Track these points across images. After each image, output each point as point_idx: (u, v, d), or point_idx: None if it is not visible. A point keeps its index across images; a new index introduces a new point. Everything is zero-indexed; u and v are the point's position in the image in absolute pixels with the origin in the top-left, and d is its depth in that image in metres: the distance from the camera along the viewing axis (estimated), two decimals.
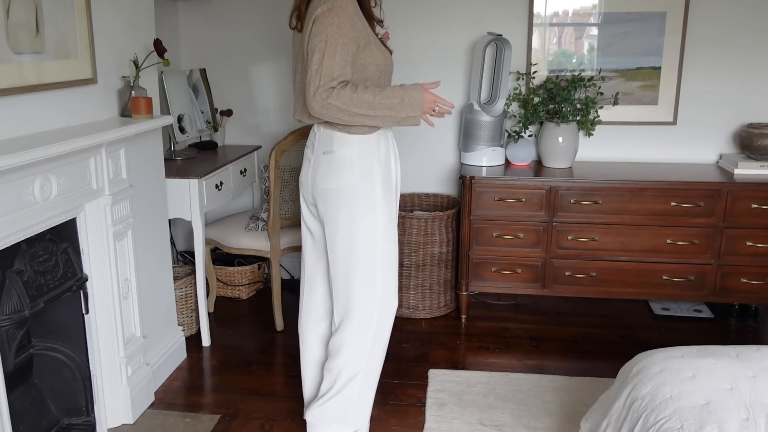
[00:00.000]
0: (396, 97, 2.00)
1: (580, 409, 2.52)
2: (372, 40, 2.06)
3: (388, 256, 2.18)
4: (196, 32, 3.70)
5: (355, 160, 2.09)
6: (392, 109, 2.00)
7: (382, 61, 2.08)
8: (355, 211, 2.11)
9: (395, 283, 2.23)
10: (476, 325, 3.35)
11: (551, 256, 3.23)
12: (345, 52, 1.94)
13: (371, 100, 1.97)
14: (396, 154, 2.22)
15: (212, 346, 3.14)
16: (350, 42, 1.96)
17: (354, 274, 2.16)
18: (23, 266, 2.01)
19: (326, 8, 1.94)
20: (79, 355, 2.34)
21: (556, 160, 3.34)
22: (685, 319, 3.42)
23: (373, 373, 2.28)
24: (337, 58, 1.93)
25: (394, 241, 2.21)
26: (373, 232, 2.13)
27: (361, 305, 2.18)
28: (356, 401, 2.26)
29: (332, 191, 2.12)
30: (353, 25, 1.96)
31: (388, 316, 2.23)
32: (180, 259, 3.81)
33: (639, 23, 3.37)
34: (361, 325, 2.20)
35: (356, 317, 2.19)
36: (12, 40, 1.87)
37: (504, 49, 3.37)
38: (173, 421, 2.53)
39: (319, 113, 1.98)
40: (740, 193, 3.07)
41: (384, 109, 1.99)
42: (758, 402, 1.65)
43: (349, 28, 1.95)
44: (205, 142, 3.54)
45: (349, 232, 2.13)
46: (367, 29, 2.05)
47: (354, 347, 2.21)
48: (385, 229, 2.15)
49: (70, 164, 2.10)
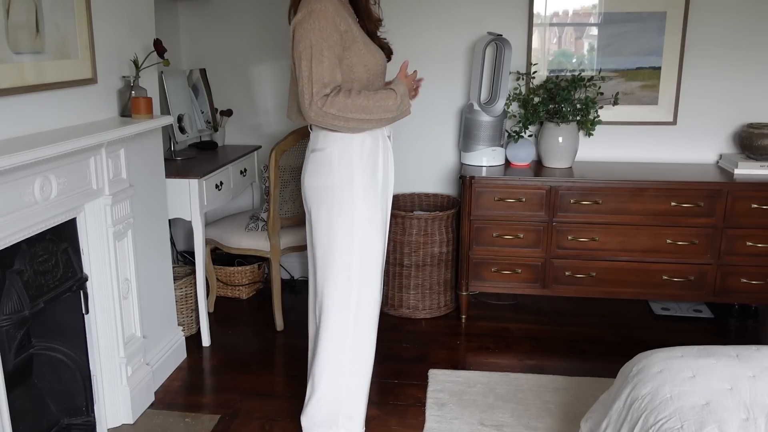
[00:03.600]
0: (390, 98, 2.03)
1: (580, 409, 2.52)
2: (359, 39, 2.04)
3: (368, 258, 2.14)
4: (196, 32, 3.70)
5: (335, 159, 2.08)
6: (388, 110, 2.03)
7: (371, 62, 2.06)
8: (334, 211, 2.10)
9: (376, 285, 2.19)
10: (476, 325, 3.35)
11: (551, 256, 3.23)
12: (332, 55, 1.94)
13: (366, 104, 1.99)
14: (387, 154, 2.18)
15: (212, 346, 3.14)
16: (335, 44, 1.96)
17: (330, 274, 2.14)
18: (23, 266, 2.01)
19: (305, 13, 1.95)
20: (79, 355, 2.34)
21: (556, 160, 3.34)
22: (685, 319, 3.42)
23: (361, 375, 2.24)
24: (324, 63, 1.93)
25: (378, 242, 2.16)
26: (350, 233, 2.10)
27: (335, 306, 2.16)
28: (346, 404, 2.23)
29: (315, 189, 2.13)
30: (336, 27, 1.95)
31: (368, 318, 2.19)
32: (180, 259, 3.81)
33: (639, 23, 3.37)
34: (337, 327, 2.17)
35: (331, 319, 2.17)
36: (12, 40, 1.87)
37: (504, 49, 3.37)
38: (173, 421, 2.53)
39: (316, 121, 1.99)
40: (740, 193, 3.07)
41: (380, 111, 2.02)
42: (758, 402, 1.65)
43: (331, 31, 1.94)
44: (205, 142, 3.54)
45: (327, 231, 2.12)
46: (352, 29, 2.02)
47: (332, 350, 2.18)
48: (364, 230, 2.11)
49: (70, 164, 2.10)
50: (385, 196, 2.21)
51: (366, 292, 2.16)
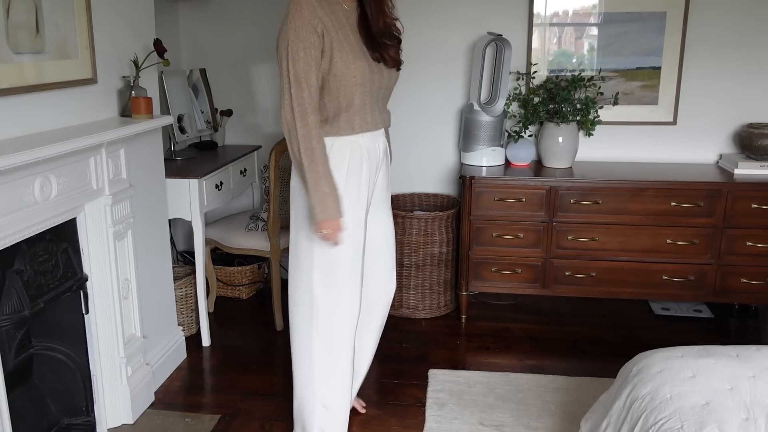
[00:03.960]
0: (320, 191, 1.95)
1: (580, 409, 2.52)
2: (336, 43, 1.94)
3: (332, 261, 2.06)
4: (196, 32, 3.70)
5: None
6: (315, 188, 1.95)
7: (339, 70, 1.96)
8: (300, 211, 2.09)
9: (347, 288, 2.11)
10: (476, 325, 3.35)
11: (551, 256, 3.23)
12: (307, 56, 1.90)
13: (311, 160, 1.93)
14: (370, 163, 2.11)
15: (212, 346, 3.14)
16: (311, 46, 1.91)
17: (295, 275, 2.14)
18: (23, 266, 2.01)
19: (284, 15, 1.93)
20: (79, 355, 2.34)
21: (556, 160, 3.34)
22: (685, 319, 3.42)
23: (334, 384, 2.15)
24: (300, 62, 1.90)
25: (347, 246, 2.06)
26: (310, 237, 2.06)
27: (298, 307, 2.13)
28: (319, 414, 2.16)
29: (292, 189, 2.13)
30: (312, 29, 1.90)
31: (336, 322, 2.11)
32: (180, 259, 3.81)
33: (639, 23, 3.37)
34: (301, 330, 2.12)
35: (296, 319, 2.15)
36: (12, 40, 1.87)
37: (504, 49, 3.37)
38: (173, 421, 2.53)
39: (282, 119, 1.96)
40: (740, 193, 3.06)
41: (311, 178, 1.94)
42: (758, 402, 1.65)
43: (307, 32, 1.90)
44: (205, 142, 3.54)
45: (294, 230, 2.13)
46: (331, 32, 1.94)
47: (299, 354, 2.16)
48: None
49: (70, 164, 2.10)
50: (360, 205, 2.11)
51: (333, 296, 2.09)
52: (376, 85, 2.07)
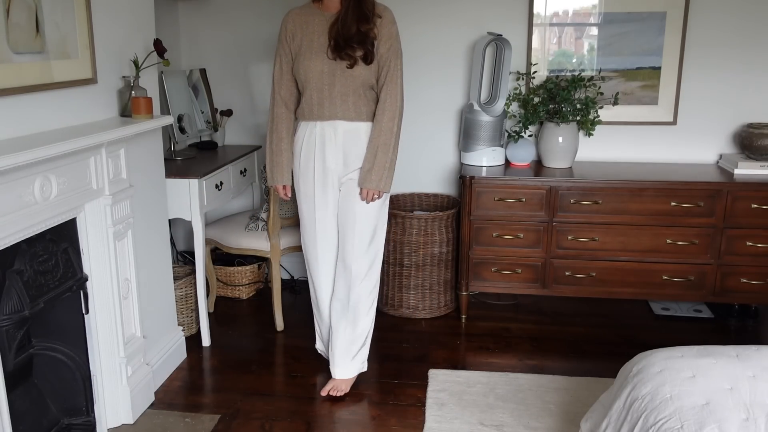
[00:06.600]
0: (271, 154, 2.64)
1: (580, 409, 2.52)
2: (304, 52, 2.47)
3: (302, 224, 2.71)
4: (196, 32, 3.70)
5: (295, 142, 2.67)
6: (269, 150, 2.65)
7: (298, 69, 2.49)
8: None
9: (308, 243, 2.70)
10: (476, 325, 3.35)
11: (551, 256, 3.23)
12: (280, 60, 2.56)
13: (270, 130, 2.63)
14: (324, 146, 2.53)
15: (212, 346, 3.14)
16: (285, 52, 2.55)
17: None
18: (23, 266, 2.01)
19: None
20: (79, 355, 2.34)
21: (556, 160, 3.34)
22: (685, 319, 3.42)
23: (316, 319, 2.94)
24: (276, 65, 2.58)
25: (304, 211, 2.66)
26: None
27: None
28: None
29: None
30: (285, 37, 2.53)
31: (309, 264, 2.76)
32: (180, 259, 3.81)
33: (639, 23, 3.37)
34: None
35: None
36: (12, 40, 1.87)
37: (504, 49, 3.37)
38: (173, 421, 2.53)
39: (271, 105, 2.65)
40: (740, 193, 3.07)
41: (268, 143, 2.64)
42: (758, 402, 1.65)
43: (283, 40, 2.54)
44: (205, 142, 3.54)
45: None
46: (298, 38, 2.49)
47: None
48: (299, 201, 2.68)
49: (70, 164, 2.10)
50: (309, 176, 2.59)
51: (304, 245, 2.74)
52: (327, 81, 2.46)
